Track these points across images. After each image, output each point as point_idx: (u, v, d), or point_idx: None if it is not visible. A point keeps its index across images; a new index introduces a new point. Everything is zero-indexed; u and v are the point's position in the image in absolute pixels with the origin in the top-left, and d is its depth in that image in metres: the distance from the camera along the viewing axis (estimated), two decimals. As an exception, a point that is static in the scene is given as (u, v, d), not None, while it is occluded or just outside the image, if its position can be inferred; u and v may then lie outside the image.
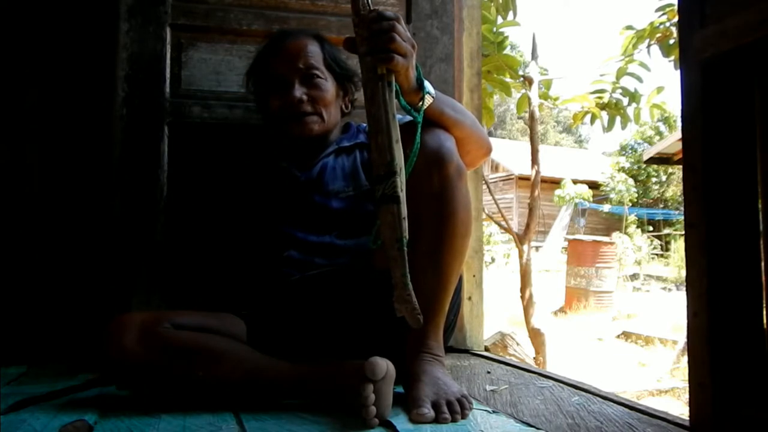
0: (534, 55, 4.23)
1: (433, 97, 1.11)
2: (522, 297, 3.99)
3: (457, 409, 1.03)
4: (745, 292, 0.95)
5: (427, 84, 1.10)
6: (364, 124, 1.47)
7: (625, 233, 12.69)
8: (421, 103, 1.10)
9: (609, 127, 4.02)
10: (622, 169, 16.66)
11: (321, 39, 1.45)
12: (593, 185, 15.72)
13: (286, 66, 1.39)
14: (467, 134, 1.21)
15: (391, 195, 0.95)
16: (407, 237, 0.95)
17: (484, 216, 2.43)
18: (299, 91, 1.38)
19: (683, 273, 1.17)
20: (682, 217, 1.17)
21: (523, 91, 4.01)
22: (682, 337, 5.00)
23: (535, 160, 4.12)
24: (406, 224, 0.95)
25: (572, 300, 8.04)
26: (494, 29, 3.45)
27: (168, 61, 1.60)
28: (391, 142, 0.96)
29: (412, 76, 1.06)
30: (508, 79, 3.68)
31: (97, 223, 1.64)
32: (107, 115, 1.58)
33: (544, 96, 4.22)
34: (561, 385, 1.33)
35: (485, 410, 1.10)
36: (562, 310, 8.05)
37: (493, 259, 12.31)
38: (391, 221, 0.94)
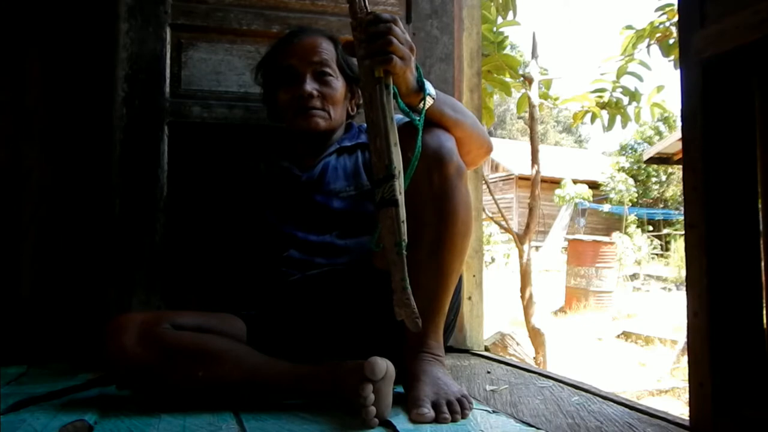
0: (534, 55, 4.22)
1: (433, 98, 1.11)
2: (522, 297, 3.99)
3: (457, 408, 1.03)
4: (745, 292, 0.95)
5: (427, 85, 1.09)
6: (366, 125, 1.47)
7: (625, 233, 12.68)
8: (421, 104, 1.09)
9: (609, 126, 4.02)
10: (622, 169, 16.66)
11: (335, 40, 1.46)
12: (593, 185, 15.73)
13: (299, 60, 1.40)
14: (468, 134, 1.21)
15: (389, 198, 0.94)
16: (406, 241, 0.94)
17: (484, 216, 2.43)
18: (310, 86, 1.38)
19: (683, 273, 1.17)
20: (682, 217, 1.17)
21: (523, 90, 4.00)
22: (682, 337, 5.00)
23: (535, 160, 4.12)
24: (405, 228, 0.94)
25: (572, 300, 8.04)
26: (494, 29, 3.45)
27: (168, 61, 1.60)
28: (390, 146, 0.96)
29: (411, 78, 1.06)
30: (508, 79, 3.67)
31: (97, 222, 1.64)
32: (107, 115, 1.58)
33: (544, 96, 4.22)
34: (561, 385, 1.33)
35: (485, 410, 1.10)
36: (562, 309, 8.05)
37: (493, 259, 12.30)
38: (390, 225, 0.94)
